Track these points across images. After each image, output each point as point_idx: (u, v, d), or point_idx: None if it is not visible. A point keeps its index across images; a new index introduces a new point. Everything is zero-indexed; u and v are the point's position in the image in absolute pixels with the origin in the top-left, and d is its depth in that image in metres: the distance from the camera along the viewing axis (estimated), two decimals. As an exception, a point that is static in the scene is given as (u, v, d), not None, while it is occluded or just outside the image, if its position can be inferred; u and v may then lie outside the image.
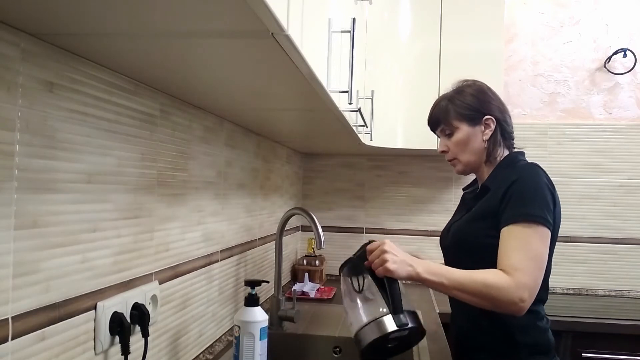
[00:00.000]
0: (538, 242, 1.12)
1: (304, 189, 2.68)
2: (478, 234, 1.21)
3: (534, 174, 1.19)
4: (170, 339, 1.15)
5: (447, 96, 1.33)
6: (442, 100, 1.33)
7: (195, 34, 0.66)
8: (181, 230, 1.19)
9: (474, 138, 1.28)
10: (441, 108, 1.32)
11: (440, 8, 2.21)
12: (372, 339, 1.06)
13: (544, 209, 1.14)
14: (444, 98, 1.33)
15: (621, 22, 2.48)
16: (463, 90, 1.32)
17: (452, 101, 1.30)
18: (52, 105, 0.73)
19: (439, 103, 1.34)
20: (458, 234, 1.30)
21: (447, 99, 1.32)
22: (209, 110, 1.30)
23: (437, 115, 1.33)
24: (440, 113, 1.32)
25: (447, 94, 1.34)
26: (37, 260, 0.71)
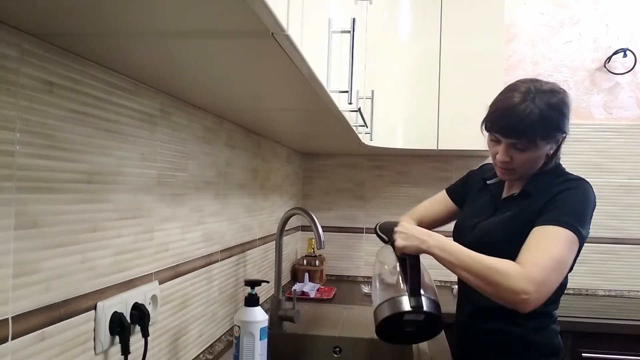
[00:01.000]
0: (565, 248, 1.08)
1: (304, 189, 2.68)
2: (511, 240, 1.12)
3: (586, 190, 1.16)
4: (170, 339, 1.15)
5: (540, 107, 1.12)
6: (533, 111, 1.11)
7: (195, 34, 0.66)
8: (181, 230, 1.19)
9: (542, 155, 1.19)
10: (531, 121, 1.12)
11: (440, 8, 2.21)
12: (385, 315, 1.10)
13: (582, 223, 1.11)
14: (534, 107, 1.12)
15: (621, 22, 2.48)
16: (555, 105, 1.14)
17: (544, 116, 1.12)
18: (52, 105, 0.73)
19: (529, 112, 1.12)
20: (487, 236, 1.23)
21: (539, 111, 1.12)
22: (209, 110, 1.30)
23: (522, 127, 1.13)
24: (527, 127, 1.12)
25: (539, 103, 1.12)
26: (37, 260, 0.71)
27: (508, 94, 1.17)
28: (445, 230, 1.37)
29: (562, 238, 1.08)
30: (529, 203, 1.19)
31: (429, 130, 2.20)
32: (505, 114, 1.15)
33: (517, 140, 1.15)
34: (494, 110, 1.18)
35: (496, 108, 1.17)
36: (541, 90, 1.14)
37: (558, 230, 1.09)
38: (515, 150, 1.17)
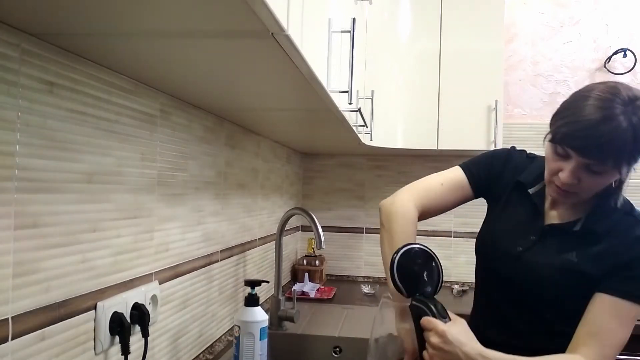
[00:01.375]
0: (633, 323, 0.98)
1: (304, 189, 2.68)
2: (571, 293, 1.01)
3: None
4: (170, 339, 1.15)
5: (635, 123, 0.88)
6: (627, 129, 0.87)
7: (196, 34, 0.66)
8: (181, 230, 1.19)
9: (612, 180, 0.99)
10: (623, 142, 0.88)
11: (440, 8, 2.21)
12: None
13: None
14: (628, 124, 0.88)
15: (621, 22, 2.48)
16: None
17: (637, 141, 0.89)
18: (52, 105, 0.73)
19: (623, 131, 0.87)
20: (538, 278, 1.04)
21: (632, 129, 0.88)
22: (209, 110, 1.30)
23: (610, 149, 0.89)
24: (616, 148, 0.89)
25: (634, 118, 0.88)
26: (37, 260, 0.71)
27: (593, 102, 0.90)
28: (444, 230, 1.35)
29: (636, 315, 0.97)
30: (598, 248, 1.00)
31: (429, 130, 2.20)
32: (589, 129, 0.89)
33: (597, 162, 0.91)
34: (573, 121, 0.92)
35: (576, 119, 0.91)
36: (634, 97, 0.90)
37: (633, 308, 0.96)
38: (587, 172, 0.94)
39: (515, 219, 1.12)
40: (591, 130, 0.89)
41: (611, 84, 0.93)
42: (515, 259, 1.08)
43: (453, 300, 2.26)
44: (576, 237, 1.03)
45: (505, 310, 1.12)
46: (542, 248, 1.06)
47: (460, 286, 2.41)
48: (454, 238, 2.54)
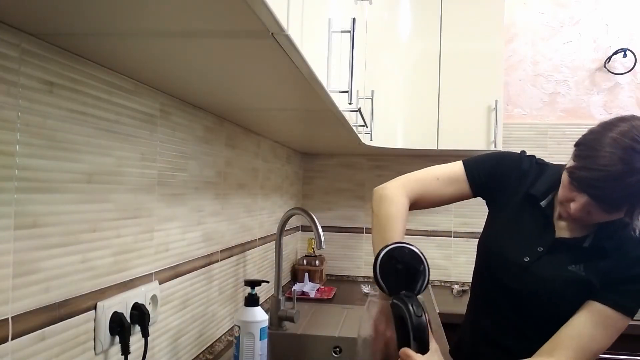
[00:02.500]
0: (616, 334, 1.01)
1: (304, 189, 2.68)
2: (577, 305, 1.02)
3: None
4: (170, 339, 1.15)
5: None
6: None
7: (195, 34, 0.66)
8: (181, 230, 1.19)
9: None
10: (635, 194, 0.89)
11: (440, 8, 2.21)
12: None
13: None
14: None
15: (621, 22, 2.48)
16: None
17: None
18: (52, 105, 0.73)
19: (634, 181, 0.87)
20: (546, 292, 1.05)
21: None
22: (209, 110, 1.30)
23: (623, 201, 0.91)
24: (629, 199, 0.90)
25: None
26: (37, 260, 0.71)
27: (614, 149, 0.88)
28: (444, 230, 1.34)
29: (619, 328, 1.00)
30: (605, 263, 1.01)
31: (429, 130, 2.20)
32: (607, 181, 0.88)
33: (609, 208, 0.93)
34: (592, 168, 0.90)
35: (595, 166, 0.90)
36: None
37: (622, 320, 0.99)
38: (599, 210, 0.94)
39: (524, 229, 1.11)
40: (609, 183, 0.88)
41: (635, 123, 0.90)
42: (522, 270, 1.08)
43: (453, 300, 2.26)
44: (585, 253, 1.03)
45: (505, 313, 1.13)
46: (550, 261, 1.06)
47: (460, 286, 2.41)
48: (454, 238, 2.54)
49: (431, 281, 2.53)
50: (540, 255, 1.07)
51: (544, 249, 1.07)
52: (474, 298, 1.26)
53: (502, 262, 1.12)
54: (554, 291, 1.04)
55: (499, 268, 1.13)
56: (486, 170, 1.18)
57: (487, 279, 1.19)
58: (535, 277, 1.06)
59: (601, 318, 0.99)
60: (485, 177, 1.17)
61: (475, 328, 1.22)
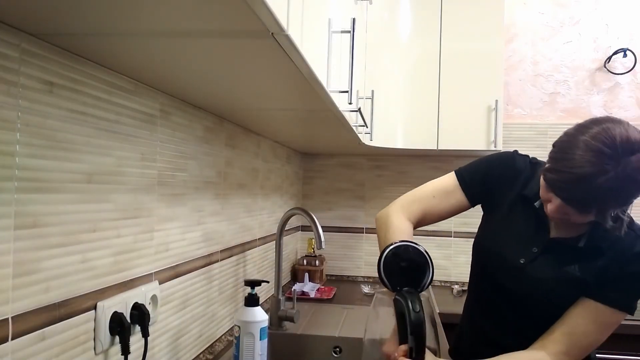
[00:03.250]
0: (610, 331, 1.02)
1: (304, 189, 2.68)
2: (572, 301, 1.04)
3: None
4: (170, 339, 1.15)
5: (621, 177, 0.85)
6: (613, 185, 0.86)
7: (195, 33, 0.66)
8: (181, 230, 1.19)
9: None
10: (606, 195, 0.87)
11: (440, 8, 2.21)
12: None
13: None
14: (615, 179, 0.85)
15: (621, 22, 2.48)
16: (633, 171, 0.86)
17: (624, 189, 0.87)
18: (52, 105, 0.73)
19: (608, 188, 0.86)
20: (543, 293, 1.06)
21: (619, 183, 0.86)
22: (209, 110, 1.30)
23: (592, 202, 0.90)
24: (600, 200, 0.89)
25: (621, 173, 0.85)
26: (37, 260, 0.71)
27: (584, 152, 0.88)
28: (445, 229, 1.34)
29: (613, 324, 1.01)
30: (601, 262, 1.02)
31: (429, 130, 2.20)
32: (575, 183, 0.88)
33: (580, 210, 0.93)
34: (561, 170, 0.91)
35: (565, 168, 0.90)
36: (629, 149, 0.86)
37: (614, 315, 1.00)
38: (573, 211, 0.94)
39: (519, 230, 1.12)
40: (577, 185, 0.88)
41: (607, 126, 0.89)
42: (518, 271, 1.08)
43: (453, 300, 2.26)
44: (580, 252, 1.04)
45: (504, 314, 1.14)
46: (545, 261, 1.06)
47: (460, 286, 2.41)
48: (454, 238, 2.54)
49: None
50: (536, 256, 1.07)
51: (539, 249, 1.07)
52: (471, 298, 1.26)
53: (498, 262, 1.13)
54: (550, 292, 1.04)
55: (495, 269, 1.13)
56: (479, 177, 1.18)
57: (484, 280, 1.19)
58: (531, 278, 1.06)
59: (594, 315, 1.00)
60: (479, 185, 1.18)
61: (473, 328, 1.23)
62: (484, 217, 1.23)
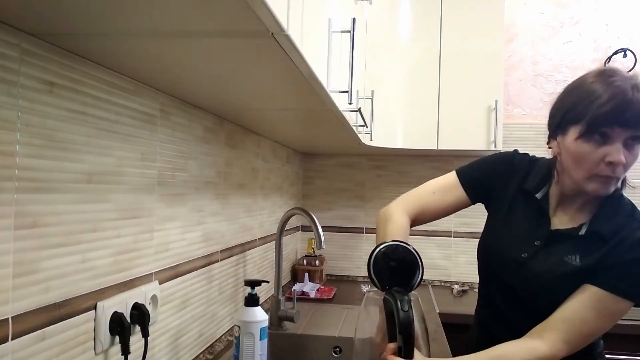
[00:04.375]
0: (612, 320, 1.00)
1: (304, 189, 2.68)
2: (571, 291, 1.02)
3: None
4: (170, 339, 1.15)
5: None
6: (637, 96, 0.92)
7: (195, 33, 0.66)
8: (181, 230, 1.19)
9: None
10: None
11: (440, 8, 2.21)
12: None
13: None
14: (635, 94, 0.93)
15: (621, 22, 2.48)
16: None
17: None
18: (52, 105, 0.73)
19: (636, 97, 0.92)
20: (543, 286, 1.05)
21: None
22: (209, 110, 1.30)
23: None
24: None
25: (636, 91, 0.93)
26: (37, 260, 0.71)
27: (595, 84, 0.95)
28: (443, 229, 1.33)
29: (614, 312, 0.99)
30: (603, 250, 1.00)
31: (429, 130, 2.20)
32: (622, 102, 0.91)
33: (637, 131, 0.94)
34: (605, 102, 0.93)
35: (606, 99, 0.93)
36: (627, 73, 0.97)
37: (615, 302, 0.98)
38: (629, 148, 0.95)
39: (521, 225, 1.12)
40: (626, 105, 0.91)
41: (600, 69, 0.99)
42: (520, 267, 1.08)
43: (453, 300, 2.26)
44: (581, 241, 1.03)
45: (509, 314, 1.13)
46: (547, 254, 1.06)
47: (460, 286, 2.41)
48: (454, 238, 2.54)
49: (431, 281, 2.53)
50: (538, 249, 1.07)
51: (541, 242, 1.07)
52: (480, 303, 1.26)
53: (500, 260, 1.12)
54: (551, 284, 1.03)
55: (498, 267, 1.13)
56: (480, 174, 1.19)
57: (489, 281, 1.19)
58: (533, 272, 1.06)
59: (594, 301, 0.98)
60: (480, 181, 1.19)
61: (482, 333, 1.22)
62: (487, 219, 1.23)
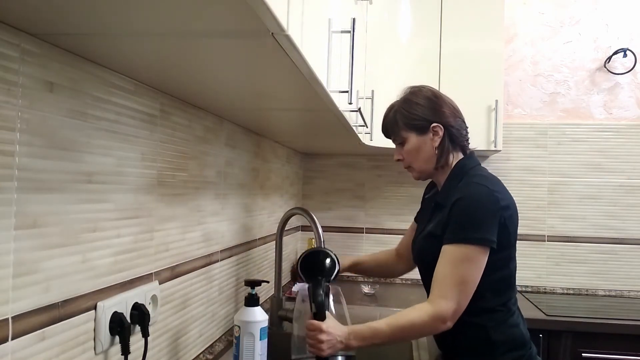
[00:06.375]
0: (467, 265, 1.16)
1: (304, 189, 2.68)
2: (433, 252, 1.22)
3: (475, 194, 1.19)
4: (170, 339, 1.15)
5: (395, 106, 1.34)
6: (390, 111, 1.35)
7: (195, 34, 0.66)
8: (181, 230, 1.19)
9: (424, 147, 1.30)
10: (389, 119, 1.35)
11: (440, 8, 2.21)
12: None
13: (481, 230, 1.16)
14: (391, 108, 1.35)
15: (621, 22, 2.48)
16: (409, 99, 1.32)
17: (397, 111, 1.32)
18: (52, 105, 0.73)
19: (388, 114, 1.36)
20: (418, 251, 1.34)
21: (394, 110, 1.34)
22: (209, 110, 1.30)
23: (386, 127, 1.38)
24: (389, 124, 1.36)
25: (395, 104, 1.35)
26: (37, 260, 0.71)
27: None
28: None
29: (463, 257, 1.16)
30: (442, 214, 1.24)
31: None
32: (381, 123, 1.40)
33: (392, 138, 1.37)
34: None
35: None
36: (405, 91, 1.36)
37: (458, 250, 1.17)
38: (400, 147, 1.35)
39: (421, 219, 1.44)
40: (382, 122, 1.40)
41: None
42: (414, 244, 1.38)
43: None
44: (435, 212, 1.30)
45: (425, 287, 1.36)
46: (424, 231, 1.32)
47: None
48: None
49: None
50: (421, 230, 1.35)
51: (424, 225, 1.34)
52: None
53: (412, 245, 1.42)
54: (420, 251, 1.32)
55: (411, 251, 1.42)
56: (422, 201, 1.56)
57: None
58: (417, 246, 1.35)
59: (445, 256, 1.18)
60: (420, 208, 1.55)
61: None
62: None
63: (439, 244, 1.21)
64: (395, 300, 2.18)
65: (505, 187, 1.25)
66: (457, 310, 1.15)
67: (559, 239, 2.47)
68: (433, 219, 1.29)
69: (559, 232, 2.47)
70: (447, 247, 1.18)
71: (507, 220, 1.19)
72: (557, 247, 2.47)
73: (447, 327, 1.16)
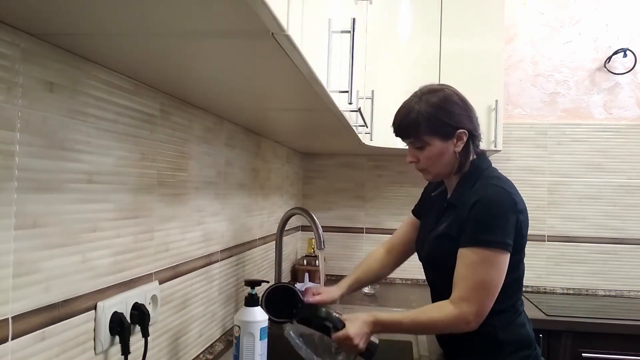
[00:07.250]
0: (489, 269, 1.16)
1: (304, 189, 2.68)
2: (446, 252, 1.21)
3: (496, 196, 1.18)
4: (170, 339, 1.15)
5: (419, 109, 1.23)
6: (411, 112, 1.23)
7: (195, 34, 0.66)
8: (181, 230, 1.19)
9: (446, 152, 1.25)
10: (410, 121, 1.24)
11: (440, 8, 2.21)
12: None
13: (502, 233, 1.15)
14: (411, 109, 1.24)
15: (621, 22, 2.48)
16: (438, 104, 1.23)
17: (422, 114, 1.22)
18: (52, 105, 0.73)
19: (407, 115, 1.24)
20: (429, 251, 1.31)
21: (417, 112, 1.23)
22: (209, 110, 1.30)
23: (405, 128, 1.26)
24: (409, 127, 1.25)
25: (419, 107, 1.23)
26: (37, 260, 0.71)
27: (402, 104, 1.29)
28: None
29: (484, 261, 1.16)
30: (456, 215, 1.22)
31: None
32: (395, 116, 1.28)
33: (409, 140, 1.27)
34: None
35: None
36: (425, 91, 1.26)
37: (478, 253, 1.16)
38: (417, 151, 1.28)
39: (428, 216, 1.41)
40: (395, 118, 1.28)
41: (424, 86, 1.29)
42: (422, 244, 1.35)
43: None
44: (447, 212, 1.27)
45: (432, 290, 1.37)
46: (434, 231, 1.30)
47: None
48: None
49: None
50: (431, 229, 1.32)
51: (434, 224, 1.31)
52: None
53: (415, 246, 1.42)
54: (436, 252, 1.28)
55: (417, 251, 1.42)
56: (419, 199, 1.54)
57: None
58: (428, 246, 1.31)
59: (462, 259, 1.18)
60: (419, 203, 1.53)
61: None
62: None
63: (452, 245, 1.20)
64: (395, 301, 2.18)
65: (517, 189, 1.24)
66: (480, 313, 1.15)
67: (559, 239, 2.47)
68: (445, 219, 1.27)
69: (559, 232, 2.47)
70: (468, 249, 1.17)
71: (522, 224, 1.19)
72: (557, 247, 2.47)
73: (471, 329, 1.16)
